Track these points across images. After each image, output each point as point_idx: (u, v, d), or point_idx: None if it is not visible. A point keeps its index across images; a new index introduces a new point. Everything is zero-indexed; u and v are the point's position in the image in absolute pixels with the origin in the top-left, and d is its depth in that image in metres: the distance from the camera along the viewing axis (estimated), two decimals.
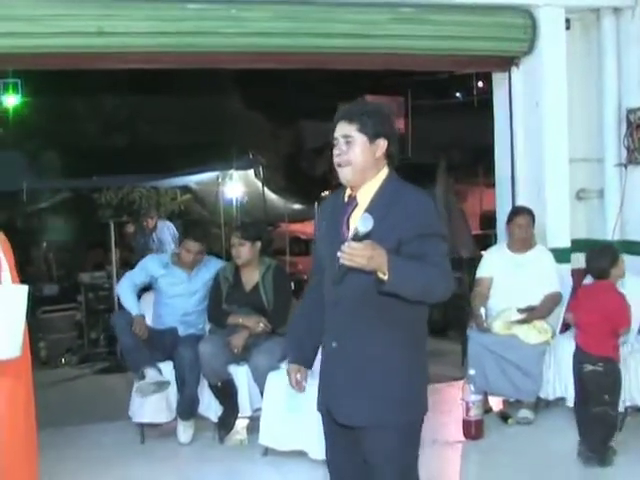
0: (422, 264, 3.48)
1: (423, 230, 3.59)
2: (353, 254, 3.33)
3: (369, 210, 3.62)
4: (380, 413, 3.68)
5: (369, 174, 3.74)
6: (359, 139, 3.71)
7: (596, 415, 6.04)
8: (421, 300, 3.60)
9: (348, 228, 3.70)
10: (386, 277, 3.35)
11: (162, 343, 7.02)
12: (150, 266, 7.31)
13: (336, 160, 3.75)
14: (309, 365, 4.11)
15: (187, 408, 6.85)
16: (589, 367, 6.02)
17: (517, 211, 7.60)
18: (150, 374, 6.76)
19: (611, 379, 6.08)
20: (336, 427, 3.83)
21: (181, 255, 7.22)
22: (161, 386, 6.80)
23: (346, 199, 3.81)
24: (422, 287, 3.49)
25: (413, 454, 3.82)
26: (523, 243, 7.44)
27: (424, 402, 3.83)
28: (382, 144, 3.75)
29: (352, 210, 3.75)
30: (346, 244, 3.36)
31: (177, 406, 6.89)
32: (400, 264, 3.41)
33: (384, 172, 3.79)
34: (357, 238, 3.38)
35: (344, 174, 3.74)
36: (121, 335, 7.07)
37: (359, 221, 3.44)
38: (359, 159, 3.70)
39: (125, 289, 7.26)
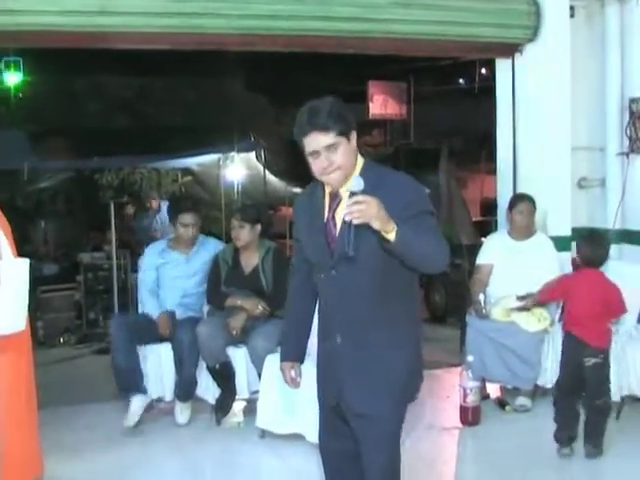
0: (421, 230, 3.50)
1: (413, 209, 3.58)
2: (362, 206, 3.30)
3: None
4: (390, 399, 3.75)
5: (351, 169, 3.71)
6: (341, 143, 3.63)
7: (599, 407, 6.01)
8: (421, 265, 3.60)
9: (335, 225, 3.73)
10: (392, 234, 3.35)
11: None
12: (150, 260, 7.28)
13: (324, 171, 3.65)
14: (302, 360, 4.18)
15: (185, 390, 6.84)
16: (592, 360, 5.93)
17: (519, 198, 7.58)
18: (134, 406, 6.67)
19: (608, 368, 6.08)
20: (336, 414, 3.90)
21: (179, 234, 7.17)
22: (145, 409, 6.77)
23: (327, 196, 3.80)
24: (423, 249, 3.50)
25: (401, 430, 3.88)
26: (524, 230, 7.43)
27: (419, 384, 3.93)
28: (354, 136, 3.72)
29: (336, 206, 3.75)
30: (350, 201, 3.34)
31: (175, 388, 6.88)
32: (401, 227, 3.40)
33: (360, 161, 3.77)
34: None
35: (335, 179, 3.69)
36: (115, 352, 6.84)
37: (352, 183, 3.49)
38: (346, 161, 3.65)
39: (145, 294, 7.22)
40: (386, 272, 3.64)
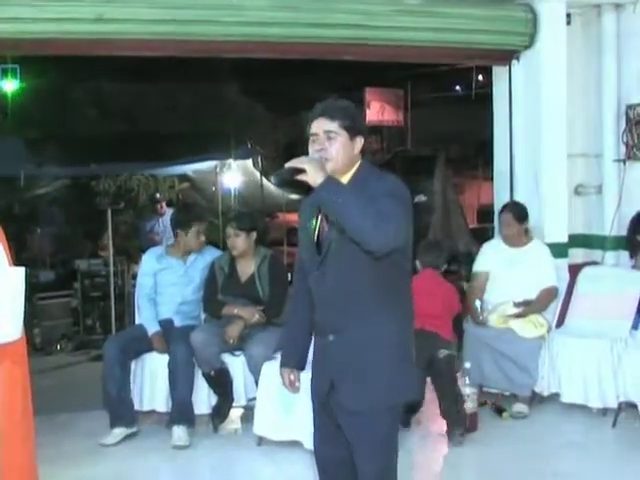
0: (373, 205, 3.44)
1: (379, 192, 3.57)
2: (300, 158, 3.51)
3: None
4: (382, 396, 3.73)
5: (345, 170, 3.74)
6: (341, 135, 3.70)
7: (456, 392, 6.52)
8: (351, 229, 3.44)
9: (328, 222, 3.72)
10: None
11: None
12: (148, 266, 7.25)
13: (317, 156, 3.69)
14: (301, 367, 4.16)
15: (178, 412, 6.65)
16: (445, 352, 6.48)
17: (503, 208, 7.67)
18: (116, 433, 6.62)
19: (455, 357, 6.66)
20: (329, 419, 3.87)
21: (188, 241, 7.13)
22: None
23: None
24: (351, 209, 3.40)
25: (396, 437, 3.87)
26: (512, 239, 7.46)
27: (413, 383, 3.95)
28: (360, 142, 3.78)
29: None
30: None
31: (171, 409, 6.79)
32: (337, 182, 3.50)
33: (356, 165, 3.80)
34: None
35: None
36: (107, 378, 6.70)
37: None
38: (340, 155, 3.69)
39: (142, 301, 7.19)
40: (372, 271, 3.64)
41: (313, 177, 3.43)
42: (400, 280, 3.82)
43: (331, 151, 3.69)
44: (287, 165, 3.51)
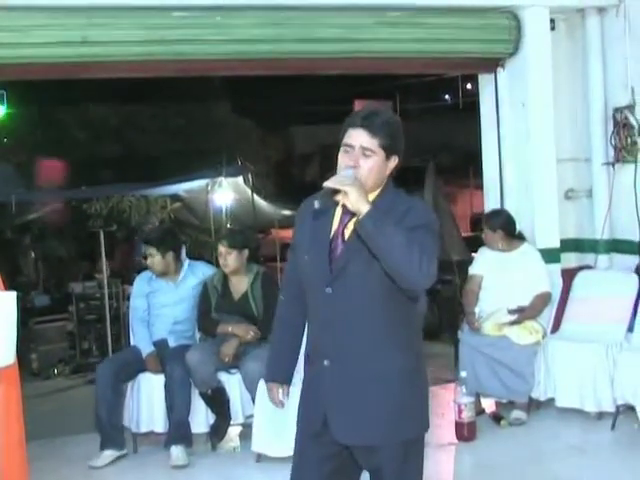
0: (409, 238, 3.27)
1: (415, 224, 3.39)
2: (340, 178, 3.32)
3: None
4: (384, 430, 3.51)
5: (370, 190, 3.46)
6: (377, 154, 3.45)
7: None
8: (394, 265, 3.29)
9: (343, 240, 3.53)
10: (365, 211, 3.24)
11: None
12: (140, 288, 7.26)
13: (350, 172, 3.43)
14: (289, 381, 3.92)
15: (176, 432, 6.64)
16: None
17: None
18: (106, 456, 6.63)
19: None
20: (324, 451, 3.61)
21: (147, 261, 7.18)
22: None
23: (339, 208, 3.54)
24: (397, 244, 3.24)
25: (419, 472, 3.70)
26: (490, 246, 7.49)
27: (427, 415, 3.68)
28: (394, 162, 3.53)
29: (348, 220, 3.51)
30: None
31: (168, 429, 6.78)
32: (382, 212, 3.30)
33: (384, 183, 3.57)
34: None
35: None
36: (99, 402, 6.70)
37: (343, 172, 3.41)
38: (372, 175, 3.45)
39: (135, 324, 7.18)
40: (385, 295, 3.43)
41: (356, 203, 3.24)
42: (412, 309, 3.60)
43: (363, 170, 3.43)
44: (326, 184, 3.31)
